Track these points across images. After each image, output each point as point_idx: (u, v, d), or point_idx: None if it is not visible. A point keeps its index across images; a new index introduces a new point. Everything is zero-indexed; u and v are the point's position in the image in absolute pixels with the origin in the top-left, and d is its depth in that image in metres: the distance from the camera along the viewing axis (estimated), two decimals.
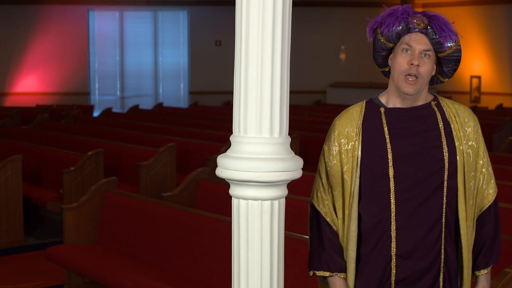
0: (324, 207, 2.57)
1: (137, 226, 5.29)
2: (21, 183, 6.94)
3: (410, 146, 2.49)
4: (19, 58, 17.42)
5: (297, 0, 16.98)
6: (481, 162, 2.56)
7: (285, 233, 2.26)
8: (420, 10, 2.55)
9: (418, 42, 2.46)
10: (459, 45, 2.50)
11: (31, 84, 17.54)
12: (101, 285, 5.20)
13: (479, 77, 17.81)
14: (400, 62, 2.48)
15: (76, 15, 17.70)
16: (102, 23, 18.08)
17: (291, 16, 2.15)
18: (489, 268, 2.59)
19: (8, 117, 12.33)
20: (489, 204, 2.59)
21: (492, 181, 2.60)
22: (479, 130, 2.57)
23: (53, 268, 5.94)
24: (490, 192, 2.59)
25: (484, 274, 2.59)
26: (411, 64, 2.46)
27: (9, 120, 11.93)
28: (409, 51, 2.47)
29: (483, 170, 2.57)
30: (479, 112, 13.81)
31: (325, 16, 18.93)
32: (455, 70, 2.56)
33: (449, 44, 2.46)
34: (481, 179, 2.57)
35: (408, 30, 2.47)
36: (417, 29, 2.46)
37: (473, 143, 2.53)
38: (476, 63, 17.80)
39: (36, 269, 6.10)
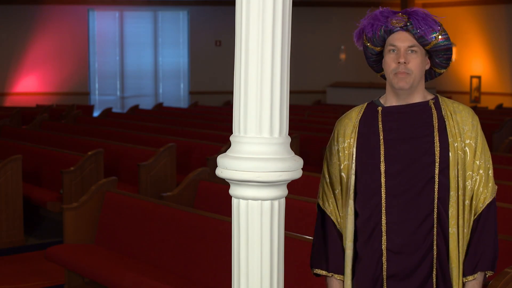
0: (329, 206, 2.61)
1: (137, 226, 5.29)
2: (21, 183, 6.94)
3: (402, 141, 2.51)
4: (19, 58, 17.42)
5: (297, 0, 16.98)
6: (478, 162, 2.52)
7: (285, 233, 2.26)
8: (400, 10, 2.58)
9: (401, 40, 2.49)
10: (445, 34, 2.50)
11: (31, 84, 17.54)
12: (101, 285, 5.20)
13: (479, 77, 17.81)
14: (388, 62, 2.52)
15: (76, 15, 17.70)
16: (102, 23, 18.08)
17: (291, 16, 2.15)
18: (476, 275, 2.50)
19: (8, 117, 12.32)
20: (482, 208, 2.53)
21: (490, 184, 2.54)
22: (480, 131, 2.55)
23: (53, 268, 5.94)
24: (486, 196, 2.53)
25: (470, 281, 2.51)
26: (398, 62, 2.49)
27: (9, 120, 11.93)
28: (395, 51, 2.51)
29: (480, 171, 2.52)
30: (479, 112, 13.80)
31: (325, 16, 18.94)
32: (448, 59, 2.57)
33: (432, 36, 2.48)
34: (478, 180, 2.53)
35: (390, 31, 2.51)
36: (398, 28, 2.49)
37: (471, 141, 2.52)
38: (476, 63, 17.80)
39: (36, 269, 6.10)
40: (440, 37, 2.49)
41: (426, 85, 2.61)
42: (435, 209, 2.49)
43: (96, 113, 15.53)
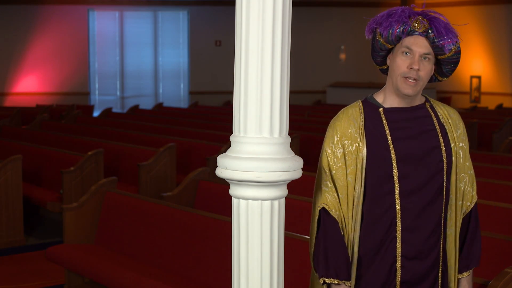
0: (337, 211, 2.52)
1: (137, 226, 5.29)
2: (21, 183, 6.94)
3: (412, 147, 2.50)
4: (19, 58, 17.42)
5: (297, 0, 16.98)
6: (467, 164, 2.58)
7: (285, 233, 2.26)
8: (420, 10, 2.54)
9: (418, 45, 2.45)
10: (459, 47, 2.49)
11: (31, 84, 17.54)
12: (101, 285, 5.20)
13: (479, 77, 17.81)
14: (399, 64, 2.48)
15: (76, 15, 17.70)
16: (102, 23, 18.08)
17: (291, 16, 2.15)
18: (470, 270, 2.60)
19: (8, 117, 12.32)
20: (471, 207, 2.59)
21: (474, 183, 2.61)
22: (466, 133, 2.61)
23: (53, 268, 5.94)
24: (473, 195, 2.60)
25: (465, 277, 2.59)
26: (411, 68, 2.46)
27: (9, 120, 11.92)
28: (409, 54, 2.47)
29: (469, 172, 2.58)
30: (479, 112, 13.81)
31: (325, 16, 18.94)
32: (453, 70, 2.57)
33: (449, 47, 2.46)
34: (467, 180, 2.58)
35: (408, 32, 2.46)
36: (417, 32, 2.45)
37: (463, 144, 2.56)
38: (476, 63, 17.80)
39: (36, 269, 6.10)
40: (456, 48, 2.48)
41: (426, 85, 2.61)
42: (443, 214, 2.51)
43: (96, 113, 15.53)
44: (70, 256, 5.26)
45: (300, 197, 5.04)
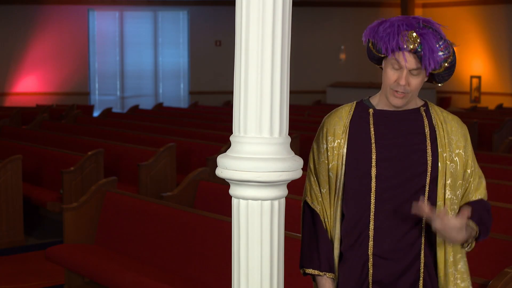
0: (318, 205, 2.59)
1: (137, 226, 5.29)
2: (21, 183, 6.94)
3: (394, 148, 2.49)
4: (19, 58, 17.42)
5: (297, 0, 16.98)
6: (468, 171, 2.52)
7: (285, 233, 2.26)
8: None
9: (407, 61, 2.42)
10: (451, 61, 2.45)
11: (31, 84, 17.54)
12: (101, 285, 5.20)
13: (479, 77, 17.81)
14: (389, 75, 2.47)
15: (76, 15, 17.70)
16: (102, 23, 18.09)
17: (291, 16, 2.15)
18: (476, 229, 2.44)
19: (8, 117, 12.32)
20: (474, 199, 2.52)
21: (481, 188, 2.54)
22: (468, 140, 2.55)
23: (53, 268, 5.94)
24: (476, 195, 2.53)
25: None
26: (399, 83, 2.45)
27: (9, 120, 11.92)
28: (398, 68, 2.45)
29: (470, 179, 2.53)
30: (479, 112, 13.81)
31: (325, 16, 18.94)
32: (447, 79, 2.55)
33: (435, 67, 2.43)
34: (468, 188, 2.53)
35: (398, 48, 2.43)
36: (407, 49, 2.42)
37: (461, 151, 2.51)
38: (476, 63, 17.80)
39: (36, 269, 6.10)
40: (446, 64, 2.44)
41: (425, 85, 2.60)
42: (424, 218, 2.48)
43: (96, 113, 15.53)
44: (70, 256, 5.26)
45: (300, 197, 5.04)
